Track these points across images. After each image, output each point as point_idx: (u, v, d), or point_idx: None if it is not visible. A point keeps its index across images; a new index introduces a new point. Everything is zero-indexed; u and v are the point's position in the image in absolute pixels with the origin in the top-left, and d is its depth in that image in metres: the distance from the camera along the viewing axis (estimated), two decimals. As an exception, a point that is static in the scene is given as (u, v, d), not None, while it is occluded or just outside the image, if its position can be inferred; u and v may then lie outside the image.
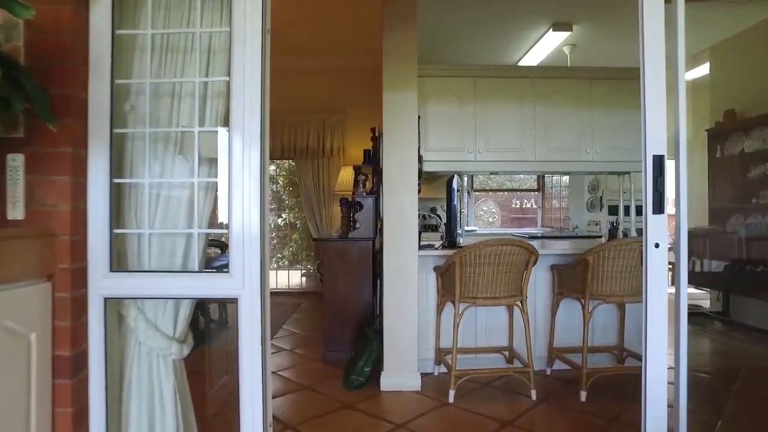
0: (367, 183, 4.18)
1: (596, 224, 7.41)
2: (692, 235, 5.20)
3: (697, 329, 5.11)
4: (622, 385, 3.31)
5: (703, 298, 5.73)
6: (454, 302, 3.11)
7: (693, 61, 6.29)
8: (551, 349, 3.59)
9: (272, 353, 4.18)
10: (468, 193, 9.11)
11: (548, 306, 3.66)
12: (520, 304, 3.14)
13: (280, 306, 6.24)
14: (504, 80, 3.67)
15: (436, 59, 3.67)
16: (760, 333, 4.68)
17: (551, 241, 5.98)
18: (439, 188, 6.44)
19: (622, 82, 3.77)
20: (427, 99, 3.63)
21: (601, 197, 7.31)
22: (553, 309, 3.57)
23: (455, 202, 3.49)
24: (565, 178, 8.61)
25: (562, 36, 5.30)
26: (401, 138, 3.30)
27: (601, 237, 6.35)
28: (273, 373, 3.67)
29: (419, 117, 3.40)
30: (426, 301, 3.56)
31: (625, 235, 3.87)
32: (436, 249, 3.47)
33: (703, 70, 6.02)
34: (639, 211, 2.16)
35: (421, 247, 3.42)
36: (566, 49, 5.59)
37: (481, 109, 3.67)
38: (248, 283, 1.69)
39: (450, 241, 3.58)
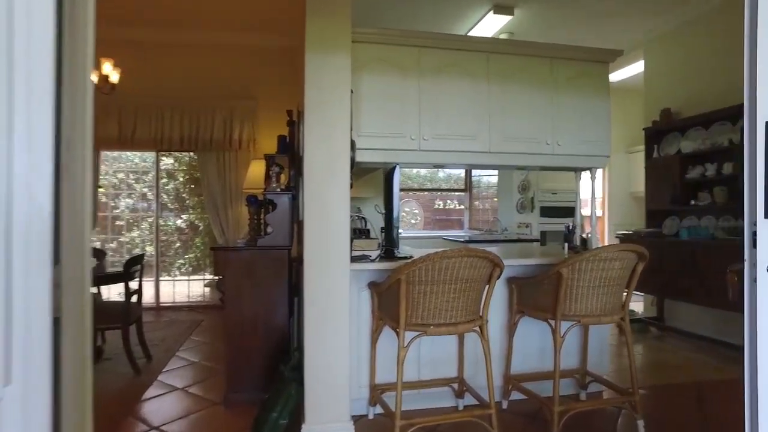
0: (283, 176, 3.35)
1: (527, 226, 7.11)
2: (631, 237, 4.92)
3: (636, 336, 4.84)
4: (593, 420, 2.78)
5: (636, 301, 5.53)
6: (396, 330, 2.39)
7: (627, 59, 6.12)
8: (508, 378, 2.99)
9: (160, 395, 3.21)
10: (393, 192, 8.49)
11: (504, 326, 3.07)
12: (479, 330, 2.49)
13: (175, 326, 5.18)
14: (454, 53, 3.02)
15: (371, 26, 2.93)
16: (697, 339, 4.47)
17: (482, 246, 5.50)
18: (366, 185, 5.74)
19: (588, 64, 3.27)
20: (361, 71, 2.89)
21: (532, 198, 7.00)
22: (510, 330, 2.98)
23: (396, 201, 2.78)
24: (494, 178, 8.28)
25: (502, 20, 4.81)
26: (329, 116, 2.52)
27: (536, 241, 5.98)
28: (155, 429, 2.73)
29: (352, 92, 2.64)
30: (358, 325, 2.82)
31: (585, 241, 3.38)
32: (373, 260, 2.73)
33: (638, 67, 5.84)
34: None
35: (353, 259, 2.67)
36: (504, 38, 5.13)
37: (427, 87, 2.99)
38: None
39: (388, 250, 2.86)
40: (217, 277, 2.92)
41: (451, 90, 3.03)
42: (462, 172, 9.02)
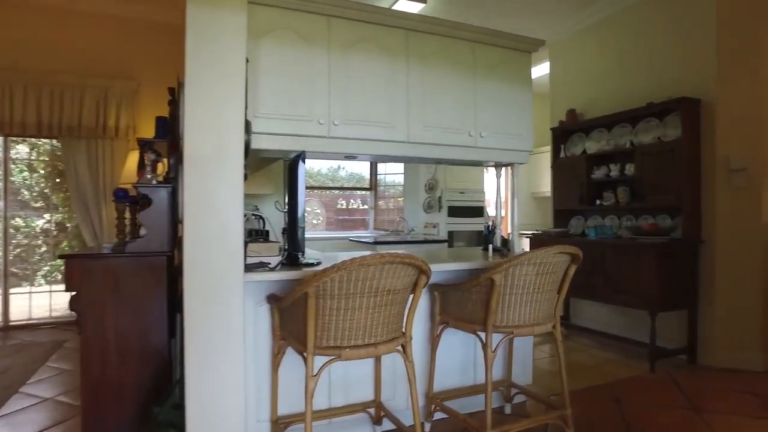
0: (160, 166, 2.74)
1: (434, 227, 6.95)
2: (540, 237, 4.88)
3: (545, 337, 4.81)
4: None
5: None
6: (303, 354, 1.94)
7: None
8: (431, 397, 2.66)
9: (-12, 446, 2.44)
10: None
11: (425, 339, 2.73)
12: (402, 349, 2.12)
13: (26, 351, 4.23)
14: (370, 27, 2.61)
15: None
16: (603, 336, 4.52)
17: (390, 247, 5.19)
18: (266, 179, 5.17)
19: (510, 53, 3.05)
20: (260, 39, 2.38)
21: (439, 197, 6.85)
22: (433, 344, 2.65)
23: (301, 197, 2.32)
24: (399, 177, 8.05)
25: (415, 7, 4.53)
26: (219, 90, 2.01)
27: (444, 242, 5.80)
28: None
29: (247, 61, 2.14)
30: (255, 348, 2.32)
31: (506, 241, 3.16)
32: (274, 269, 2.25)
33: (542, 69, 5.89)
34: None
35: (248, 267, 2.16)
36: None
37: (338, 64, 2.55)
38: None
39: (291, 256, 2.39)
40: (70, 296, 2.26)
41: (366, 69, 2.63)
42: (366, 171, 8.71)
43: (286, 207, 2.33)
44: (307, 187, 8.66)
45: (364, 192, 9.03)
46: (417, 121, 2.76)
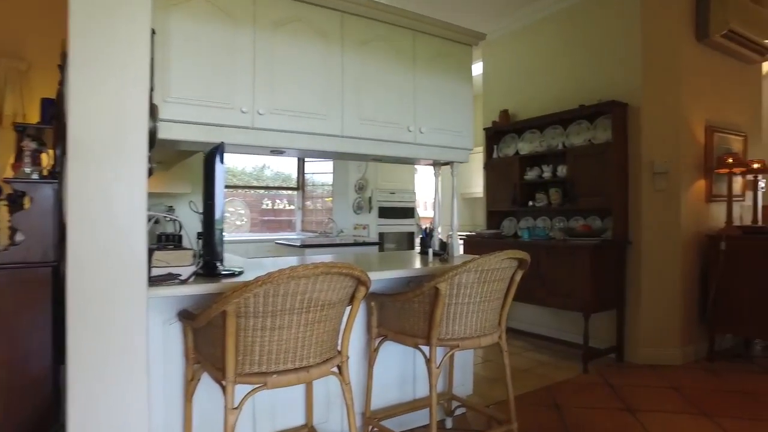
0: (45, 157, 2.27)
1: (364, 228, 6.73)
2: (474, 239, 4.80)
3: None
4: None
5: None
6: (222, 383, 1.63)
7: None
8: (368, 417, 2.42)
9: None
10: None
11: (362, 354, 2.48)
12: (339, 370, 1.85)
13: None
14: (302, 6, 2.32)
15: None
16: (535, 338, 4.51)
17: (319, 251, 4.90)
18: (181, 175, 4.69)
19: (452, 44, 2.88)
20: (170, 10, 2.02)
21: (369, 198, 6.64)
22: (370, 359, 2.40)
23: (220, 195, 1.98)
24: (328, 176, 7.75)
25: None
26: (115, 62, 1.63)
27: (376, 244, 5.59)
28: None
29: (154, 33, 1.78)
30: (164, 375, 1.95)
31: (445, 245, 2.99)
32: (185, 281, 1.89)
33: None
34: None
35: (154, 280, 1.80)
36: None
37: (265, 45, 2.24)
38: None
39: (208, 264, 2.04)
40: None
41: (296, 52, 2.34)
42: (294, 170, 8.33)
43: (201, 208, 1.98)
44: (230, 187, 8.13)
45: (291, 192, 8.64)
46: (352, 114, 2.50)
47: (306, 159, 8.03)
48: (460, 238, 4.99)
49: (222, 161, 1.91)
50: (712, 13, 4.00)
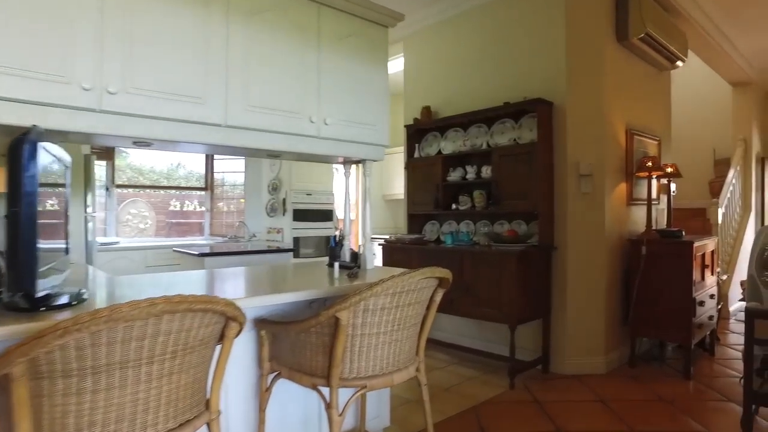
0: None
1: (278, 232, 6.20)
2: (394, 244, 4.45)
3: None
4: None
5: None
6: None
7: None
8: (257, 475, 1.95)
9: None
10: (107, 189, 6.54)
11: (251, 392, 2.01)
12: (208, 429, 1.39)
13: None
14: (166, -46, 1.82)
15: None
16: (460, 350, 4.23)
17: (220, 259, 4.34)
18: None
19: (365, 24, 2.47)
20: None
21: (284, 199, 6.12)
22: (261, 400, 1.94)
23: (30, 199, 1.43)
24: (241, 176, 7.13)
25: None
26: None
27: (289, 251, 5.10)
28: None
29: None
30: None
31: (356, 256, 2.58)
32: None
33: (396, 66, 5.51)
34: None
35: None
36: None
37: (120, 1, 1.71)
38: None
39: (24, 294, 1.47)
40: None
41: (164, 17, 1.82)
42: (202, 168, 7.60)
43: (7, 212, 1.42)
44: (132, 186, 7.26)
45: (201, 192, 7.89)
46: (239, 99, 2.02)
47: (215, 156, 7.34)
48: (379, 244, 4.63)
49: (35, 153, 1.37)
50: (631, 16, 3.94)
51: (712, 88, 7.23)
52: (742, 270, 6.50)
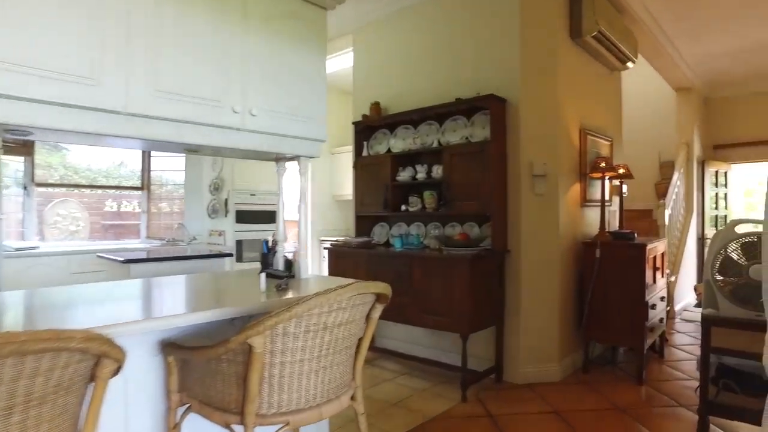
0: None
1: (220, 234, 5.82)
2: (341, 248, 4.18)
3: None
4: None
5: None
6: None
7: (333, 46, 5.49)
8: None
9: None
10: (25, 187, 5.94)
11: (158, 430, 1.70)
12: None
13: None
14: None
15: None
16: (410, 360, 4.01)
17: (145, 265, 3.93)
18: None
19: (300, 4, 2.19)
20: None
21: (226, 200, 5.74)
22: (167, 441, 1.64)
23: None
24: (181, 174, 6.66)
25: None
26: None
27: (228, 256, 4.74)
28: None
29: None
30: None
31: (290, 264, 2.30)
32: None
33: (345, 61, 5.25)
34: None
35: None
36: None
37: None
38: None
39: None
40: None
41: (34, -27, 1.49)
42: (138, 165, 7.08)
43: None
44: (63, 185, 6.66)
45: (138, 192, 7.35)
46: (143, 81, 1.70)
47: (153, 153, 6.83)
48: (325, 248, 4.35)
49: None
50: (585, 14, 3.85)
51: (658, 93, 7.36)
52: (686, 270, 6.63)
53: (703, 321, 2.29)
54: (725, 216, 7.74)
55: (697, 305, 2.75)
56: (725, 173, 7.64)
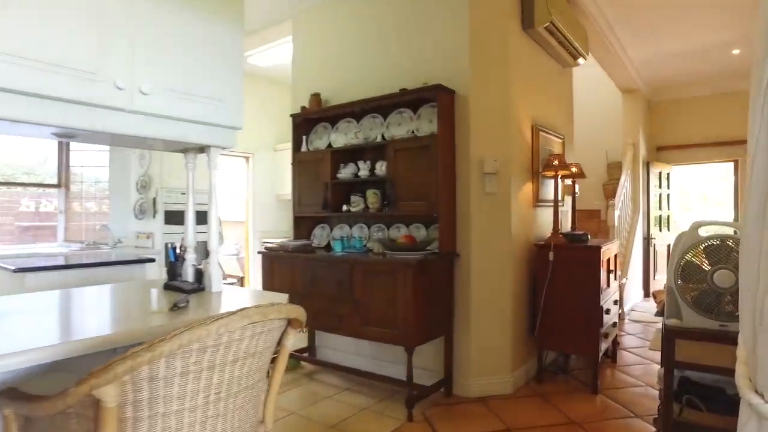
0: None
1: (148, 237, 5.28)
2: (276, 252, 3.79)
3: (286, 377, 3.75)
4: None
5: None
6: None
7: (272, 33, 5.08)
8: None
9: None
10: None
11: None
12: None
13: None
14: None
15: None
16: (354, 374, 3.66)
17: (43, 274, 3.40)
18: None
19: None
20: None
21: (154, 199, 5.21)
22: None
23: None
24: (104, 171, 6.03)
25: None
26: None
27: (151, 261, 4.23)
28: None
29: None
30: None
31: (201, 275, 1.92)
32: None
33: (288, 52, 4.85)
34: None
35: None
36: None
37: None
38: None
39: None
40: None
41: None
42: (55, 160, 6.39)
43: None
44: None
45: (56, 189, 6.65)
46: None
47: (71, 146, 6.16)
48: (259, 252, 3.94)
49: None
50: (537, 3, 3.64)
51: (605, 94, 7.39)
52: (634, 271, 6.64)
53: (667, 332, 2.08)
54: (668, 216, 7.86)
55: (658, 313, 2.55)
56: (668, 174, 7.75)
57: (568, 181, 4.33)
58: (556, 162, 3.61)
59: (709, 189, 10.58)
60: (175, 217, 5.18)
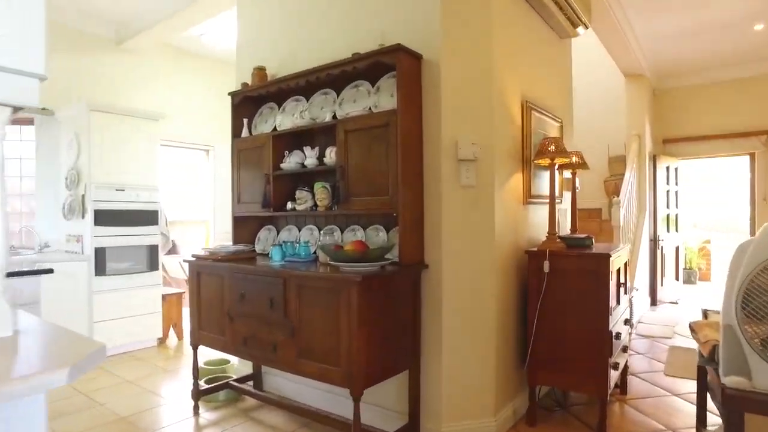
0: None
1: (77, 240, 4.51)
2: (200, 264, 3.03)
3: (225, 413, 3.01)
4: None
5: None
6: None
7: (215, 5, 4.33)
8: None
9: None
10: None
11: None
12: None
13: None
14: None
15: None
16: (303, 413, 2.91)
17: None
18: None
19: None
20: None
21: (83, 197, 4.45)
22: None
23: None
24: (30, 165, 5.24)
25: None
26: None
27: (48, 272, 3.48)
28: None
29: None
30: None
31: None
32: None
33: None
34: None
35: None
36: None
37: None
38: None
39: None
40: None
41: None
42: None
43: None
44: None
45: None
46: None
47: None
48: (186, 260, 3.19)
49: None
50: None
51: (606, 81, 6.69)
52: (640, 278, 5.91)
53: (727, 399, 1.34)
54: (676, 215, 7.13)
55: (707, 362, 1.76)
56: (675, 169, 7.03)
57: (567, 174, 3.59)
58: (552, 147, 2.85)
59: (713, 186, 9.89)
60: (105, 218, 4.41)
